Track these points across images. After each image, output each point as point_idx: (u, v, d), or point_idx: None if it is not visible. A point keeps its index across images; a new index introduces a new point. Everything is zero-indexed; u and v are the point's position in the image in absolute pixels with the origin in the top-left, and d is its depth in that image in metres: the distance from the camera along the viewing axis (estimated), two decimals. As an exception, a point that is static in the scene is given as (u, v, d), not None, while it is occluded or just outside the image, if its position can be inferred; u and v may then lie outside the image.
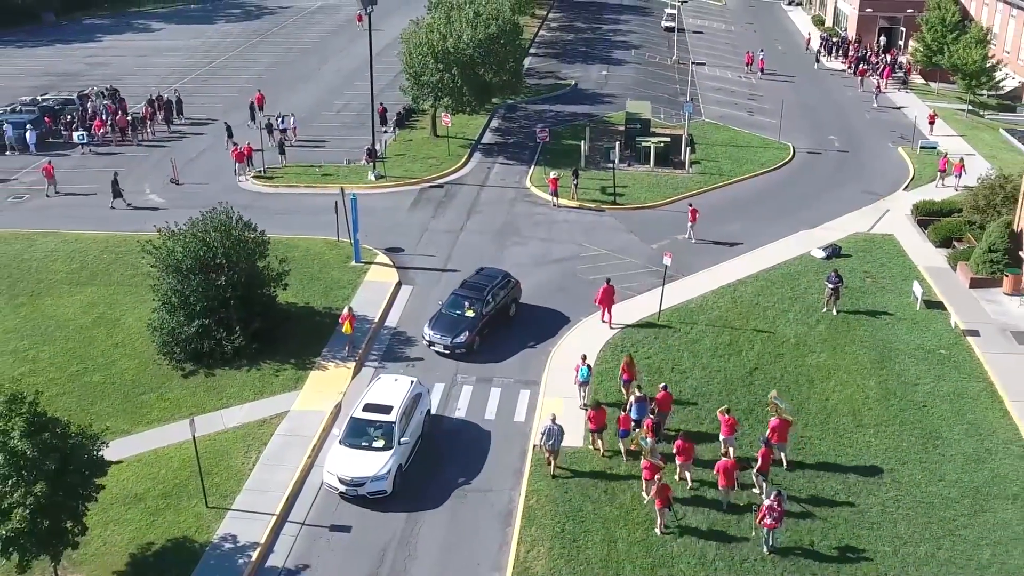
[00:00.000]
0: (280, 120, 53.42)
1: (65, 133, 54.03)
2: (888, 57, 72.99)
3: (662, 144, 51.15)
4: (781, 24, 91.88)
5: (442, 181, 49.00)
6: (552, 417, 27.11)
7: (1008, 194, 40.01)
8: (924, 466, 27.64)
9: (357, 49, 75.43)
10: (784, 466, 27.26)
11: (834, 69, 73.81)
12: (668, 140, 52.04)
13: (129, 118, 55.68)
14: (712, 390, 30.97)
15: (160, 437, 29.02)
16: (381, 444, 26.58)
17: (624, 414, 28.03)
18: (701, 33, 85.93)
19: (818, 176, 50.63)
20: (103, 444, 23.53)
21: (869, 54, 73.81)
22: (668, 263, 35.23)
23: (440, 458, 28.24)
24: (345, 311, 33.30)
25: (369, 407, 27.61)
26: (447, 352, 32.79)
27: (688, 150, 51.28)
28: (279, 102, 58.96)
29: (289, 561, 24.46)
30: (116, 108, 56.88)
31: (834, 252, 40.44)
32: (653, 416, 27.73)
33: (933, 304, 36.29)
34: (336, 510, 26.13)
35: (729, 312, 35.90)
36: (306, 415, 29.85)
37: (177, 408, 30.36)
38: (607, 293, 34.26)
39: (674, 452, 26.36)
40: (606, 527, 25.21)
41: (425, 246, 41.74)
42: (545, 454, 27.06)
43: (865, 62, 71.27)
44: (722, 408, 27.89)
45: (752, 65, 72.32)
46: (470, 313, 33.32)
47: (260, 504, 26.00)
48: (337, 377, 31.89)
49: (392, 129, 55.66)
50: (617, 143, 50.52)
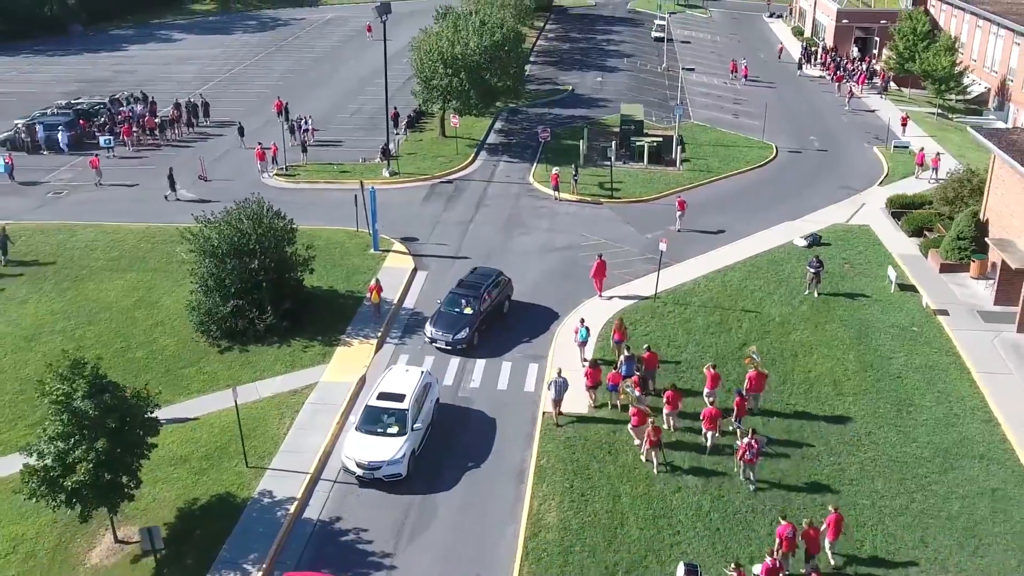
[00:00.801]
0: (302, 121, 54.37)
1: (98, 134, 54.87)
2: (864, 64, 74.21)
3: (655, 143, 52.26)
4: (763, 35, 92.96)
5: (451, 177, 50.03)
6: (558, 371, 28.97)
7: (975, 187, 41.15)
8: (899, 429, 28.78)
9: (367, 57, 76.66)
10: (757, 414, 28.95)
11: (813, 76, 74.98)
12: (660, 140, 53.14)
13: (158, 120, 56.63)
14: (704, 362, 31.83)
15: (200, 406, 30.01)
16: (395, 430, 26.71)
17: (615, 371, 29.57)
18: (688, 43, 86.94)
19: (799, 173, 51.75)
20: (156, 406, 24.56)
21: (845, 62, 75.05)
22: (663, 248, 36.32)
23: (457, 424, 29.27)
24: (372, 282, 35.14)
25: (383, 395, 27.70)
26: (449, 348, 32.75)
27: (679, 149, 52.36)
28: (296, 106, 59.80)
29: (323, 514, 25.48)
30: (147, 111, 57.75)
31: (814, 241, 41.57)
32: (640, 373, 29.45)
33: (906, 287, 37.41)
34: (364, 469, 27.14)
35: (719, 294, 37.00)
36: (334, 386, 30.88)
37: (215, 380, 31.36)
38: (600, 267, 35.92)
39: (664, 401, 28.04)
40: (610, 483, 26.28)
41: (438, 236, 42.76)
42: (551, 404, 28.70)
43: (842, 69, 72.51)
44: (708, 364, 29.73)
45: (736, 72, 73.41)
46: (468, 311, 33.25)
47: (295, 464, 27.00)
48: (361, 352, 32.93)
49: (404, 130, 56.64)
50: (613, 142, 51.61)
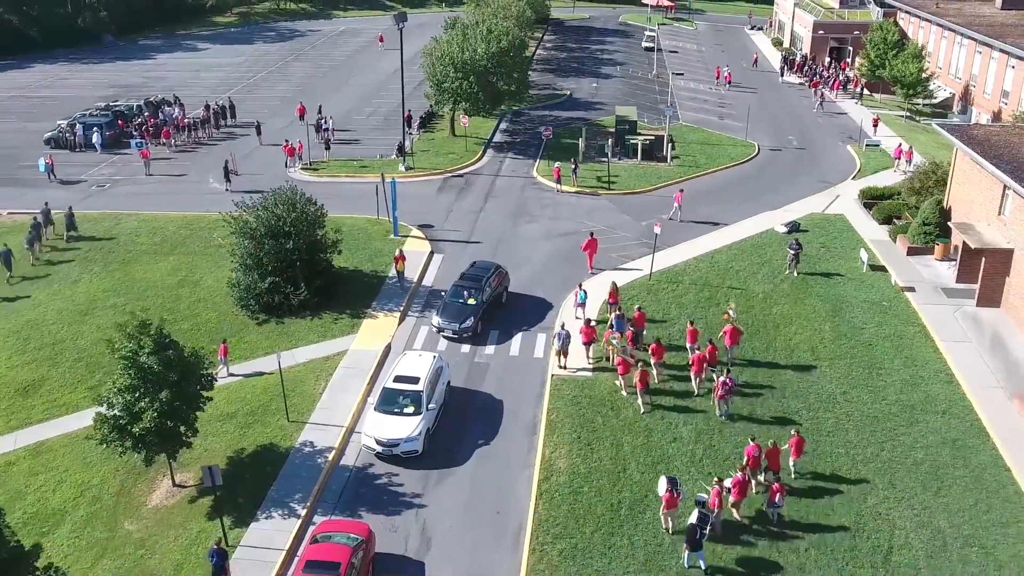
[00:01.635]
0: (326, 121, 55.79)
1: (135, 133, 56.16)
2: (839, 71, 75.80)
3: (647, 142, 53.75)
4: (744, 45, 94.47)
5: (462, 172, 51.45)
6: (562, 324, 31.54)
7: (939, 178, 42.70)
8: (870, 390, 30.30)
9: (380, 65, 78.10)
10: (730, 364, 30.92)
11: (792, 82, 76.54)
12: (652, 139, 54.63)
13: (189, 120, 57.99)
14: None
15: (242, 371, 31.41)
16: (411, 410, 27.19)
17: (609, 330, 31.57)
18: (676, 52, 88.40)
19: (779, 168, 53.26)
20: (210, 363, 25.98)
21: (821, 69, 76.65)
22: (658, 232, 37.82)
23: (477, 386, 30.70)
24: (397, 252, 37.20)
25: (399, 378, 28.16)
26: (455, 337, 33.06)
27: (670, 146, 53.90)
28: (316, 109, 61.15)
29: (358, 461, 26.96)
30: (180, 114, 59.12)
31: (794, 227, 43.07)
32: (632, 330, 31.58)
33: (877, 268, 38.93)
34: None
35: (708, 274, 38.48)
36: (363, 353, 32.32)
37: (254, 349, 32.75)
38: (591, 243, 37.95)
39: (649, 353, 30.21)
40: (613, 435, 27.78)
41: (451, 223, 44.18)
42: (556, 353, 30.97)
43: (819, 76, 74.08)
44: (688, 321, 32.11)
45: (720, 78, 74.96)
46: (471, 301, 33.72)
47: (332, 418, 28.48)
48: (386, 324, 34.38)
49: (416, 130, 58.05)
50: (609, 140, 53.10)
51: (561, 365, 30.83)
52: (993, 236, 35.44)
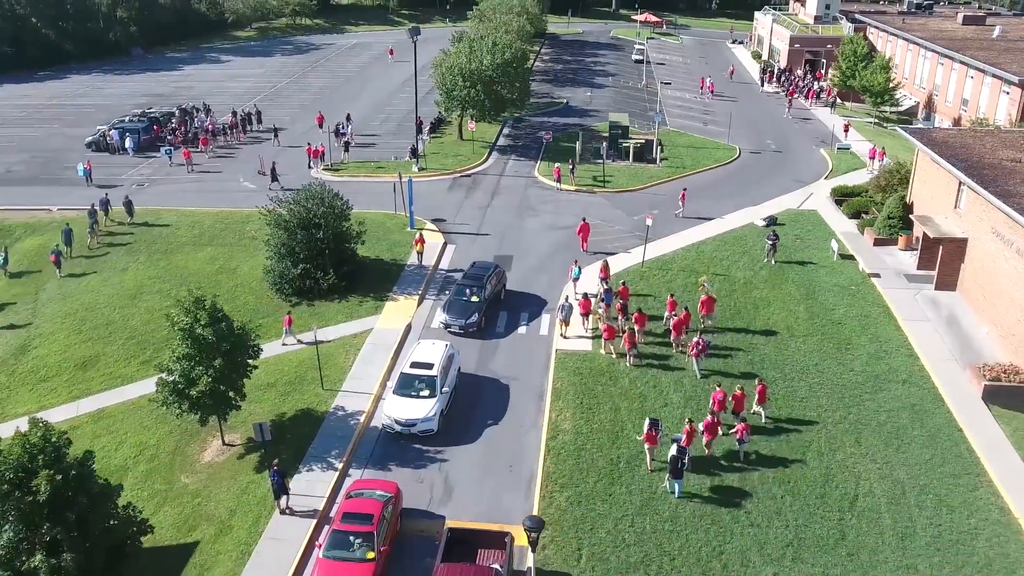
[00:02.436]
0: (343, 126, 57.38)
1: (170, 138, 57.55)
2: (814, 82, 77.58)
3: (638, 145, 55.48)
4: (726, 58, 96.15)
5: (470, 172, 53.08)
6: (565, 297, 33.60)
7: (902, 176, 44.48)
8: (839, 362, 32.04)
9: (391, 76, 79.62)
10: (703, 329, 32.90)
11: (770, 92, 78.27)
12: (643, 142, 56.35)
13: (218, 126, 59.53)
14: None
15: (277, 347, 33.00)
16: (427, 393, 27.94)
17: (600, 303, 34.15)
18: (664, 64, 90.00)
19: (758, 169, 54.92)
20: (256, 336, 27.62)
21: (796, 79, 78.43)
22: (650, 224, 39.51)
23: (489, 360, 32.37)
24: (418, 235, 39.18)
25: (415, 364, 28.94)
26: (461, 332, 33.48)
27: (659, 149, 55.65)
28: (335, 116, 62.60)
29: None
30: (210, 120, 60.68)
31: (772, 221, 44.79)
32: (621, 302, 33.75)
33: (846, 257, 40.64)
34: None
35: (695, 262, 40.18)
36: (387, 331, 33.99)
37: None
38: (584, 228, 40.38)
39: (633, 321, 32.33)
40: (612, 400, 29.49)
41: (462, 218, 45.79)
42: (559, 322, 32.95)
43: (795, 86, 75.85)
44: (669, 294, 34.10)
45: (704, 88, 76.63)
46: (475, 298, 34.24)
47: (362, 387, 30.13)
48: (406, 306, 36.02)
49: (427, 135, 59.64)
50: (604, 144, 54.77)
51: (563, 334, 32.72)
52: (950, 227, 37.20)
